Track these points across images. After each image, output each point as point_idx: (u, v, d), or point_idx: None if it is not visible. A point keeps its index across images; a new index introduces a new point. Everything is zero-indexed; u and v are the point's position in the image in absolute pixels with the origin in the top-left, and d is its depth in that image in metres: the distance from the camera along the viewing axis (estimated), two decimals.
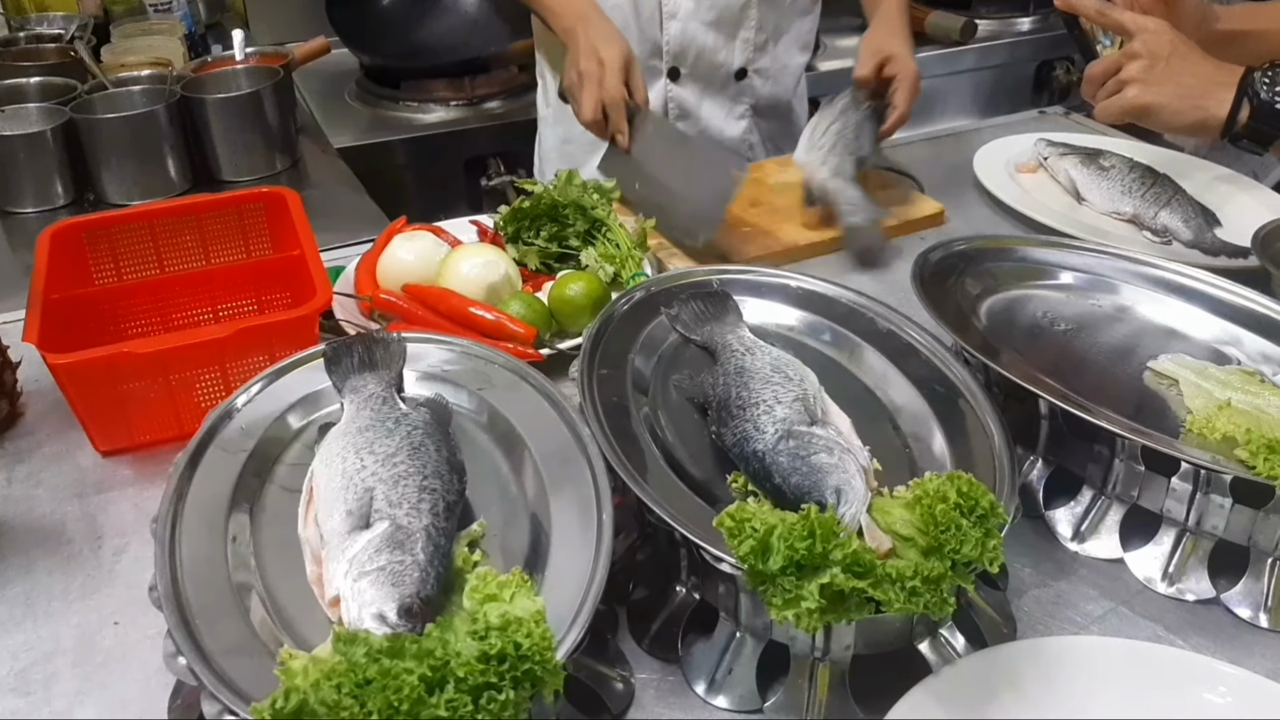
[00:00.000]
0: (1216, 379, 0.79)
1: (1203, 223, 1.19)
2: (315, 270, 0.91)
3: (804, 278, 0.91)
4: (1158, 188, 1.23)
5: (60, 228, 0.98)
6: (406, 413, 0.71)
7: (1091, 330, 0.88)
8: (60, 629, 0.72)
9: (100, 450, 0.88)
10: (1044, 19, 2.40)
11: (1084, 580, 0.75)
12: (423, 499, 0.63)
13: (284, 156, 1.62)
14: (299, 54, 1.88)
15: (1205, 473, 0.70)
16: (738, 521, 0.58)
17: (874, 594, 0.56)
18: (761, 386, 0.72)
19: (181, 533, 0.63)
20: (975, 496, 0.59)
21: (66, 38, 1.85)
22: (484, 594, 0.58)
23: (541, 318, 0.99)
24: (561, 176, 1.13)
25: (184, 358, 0.84)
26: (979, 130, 1.64)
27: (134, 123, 1.48)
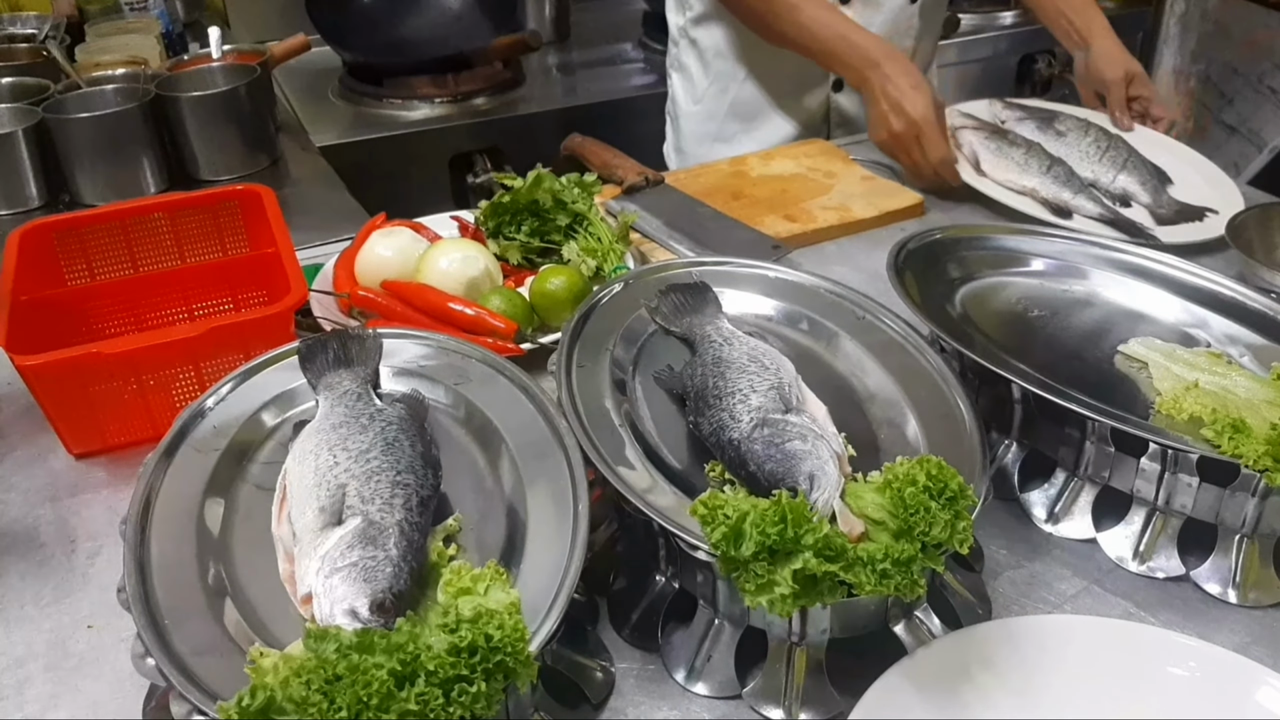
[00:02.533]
0: (1184, 361, 0.80)
1: (1157, 184, 1.19)
2: (290, 268, 0.91)
3: (782, 268, 0.92)
4: (1114, 150, 1.23)
5: (30, 228, 0.97)
6: (381, 408, 0.71)
7: (1063, 315, 0.89)
8: (33, 634, 0.71)
9: (73, 453, 0.87)
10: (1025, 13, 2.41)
11: (1057, 560, 0.76)
12: (396, 494, 0.62)
13: (263, 155, 1.61)
14: (278, 51, 1.86)
15: (1173, 453, 0.71)
16: (711, 509, 0.59)
17: (846, 577, 0.56)
18: (738, 376, 0.72)
19: (151, 533, 0.63)
20: (944, 479, 0.59)
21: (40, 38, 1.83)
22: (458, 587, 0.58)
23: (522, 312, 0.99)
24: (530, 178, 1.13)
25: (156, 358, 0.84)
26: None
27: (107, 122, 1.46)
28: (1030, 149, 1.23)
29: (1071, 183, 1.18)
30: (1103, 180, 1.20)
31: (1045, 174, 1.19)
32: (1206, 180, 1.21)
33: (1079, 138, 1.25)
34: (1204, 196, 1.19)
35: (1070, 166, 1.20)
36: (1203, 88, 2.56)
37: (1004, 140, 1.25)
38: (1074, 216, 1.15)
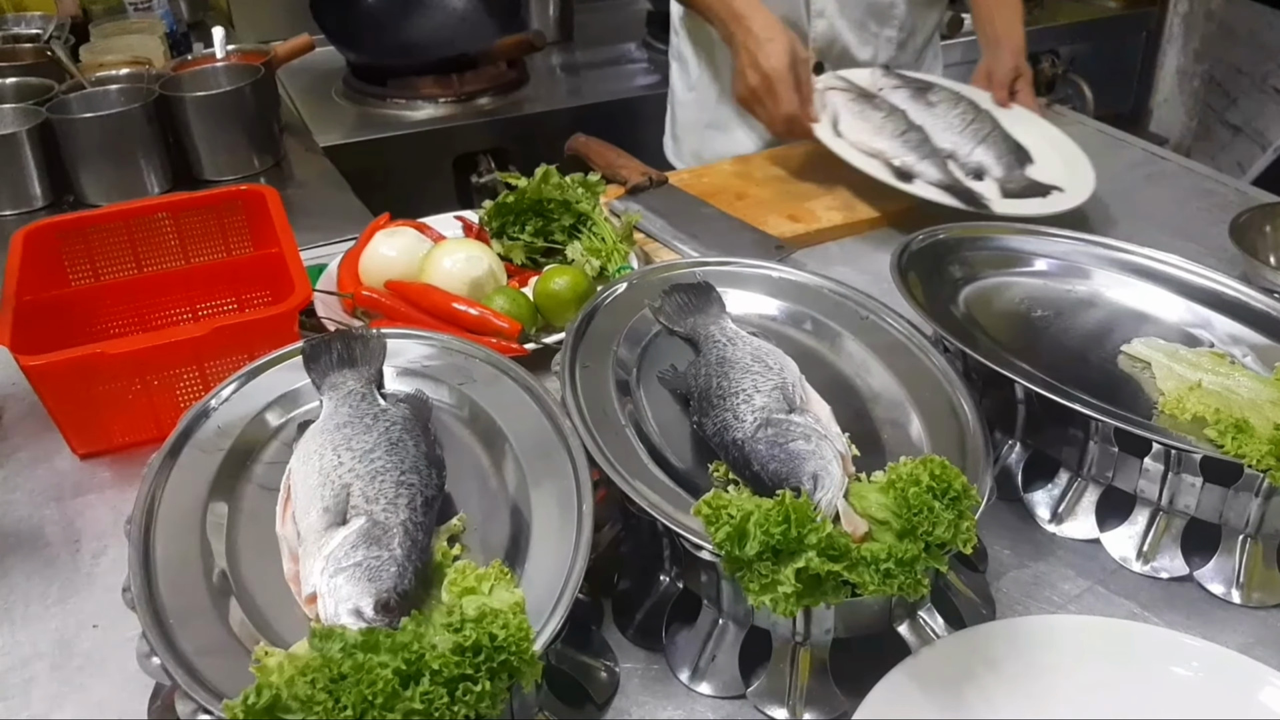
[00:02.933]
0: (1187, 361, 0.80)
1: (1012, 160, 1.20)
2: (294, 268, 0.91)
3: (785, 268, 0.92)
4: (977, 124, 1.23)
5: (34, 229, 0.97)
6: (385, 408, 0.71)
7: (1067, 316, 0.89)
8: (38, 633, 0.72)
9: (78, 453, 0.87)
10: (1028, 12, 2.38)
11: (1061, 561, 0.76)
12: (400, 494, 0.63)
13: (266, 155, 1.61)
14: (282, 51, 1.86)
15: (1176, 453, 0.71)
16: (714, 509, 0.59)
17: (849, 577, 0.57)
18: (741, 376, 0.73)
19: (156, 533, 0.63)
20: (948, 479, 0.59)
21: (44, 37, 1.84)
22: (462, 587, 0.58)
23: (526, 312, 0.99)
24: (538, 174, 1.13)
25: (160, 358, 0.84)
26: None
27: (111, 122, 1.46)
28: (891, 114, 1.23)
29: (921, 149, 1.18)
30: (961, 151, 1.21)
31: (897, 138, 1.20)
32: (1065, 163, 1.21)
33: (947, 109, 1.25)
34: (1056, 177, 1.19)
35: (928, 135, 1.21)
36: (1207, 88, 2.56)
37: (869, 104, 1.25)
38: (915, 181, 1.16)
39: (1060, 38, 2.38)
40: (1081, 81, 2.35)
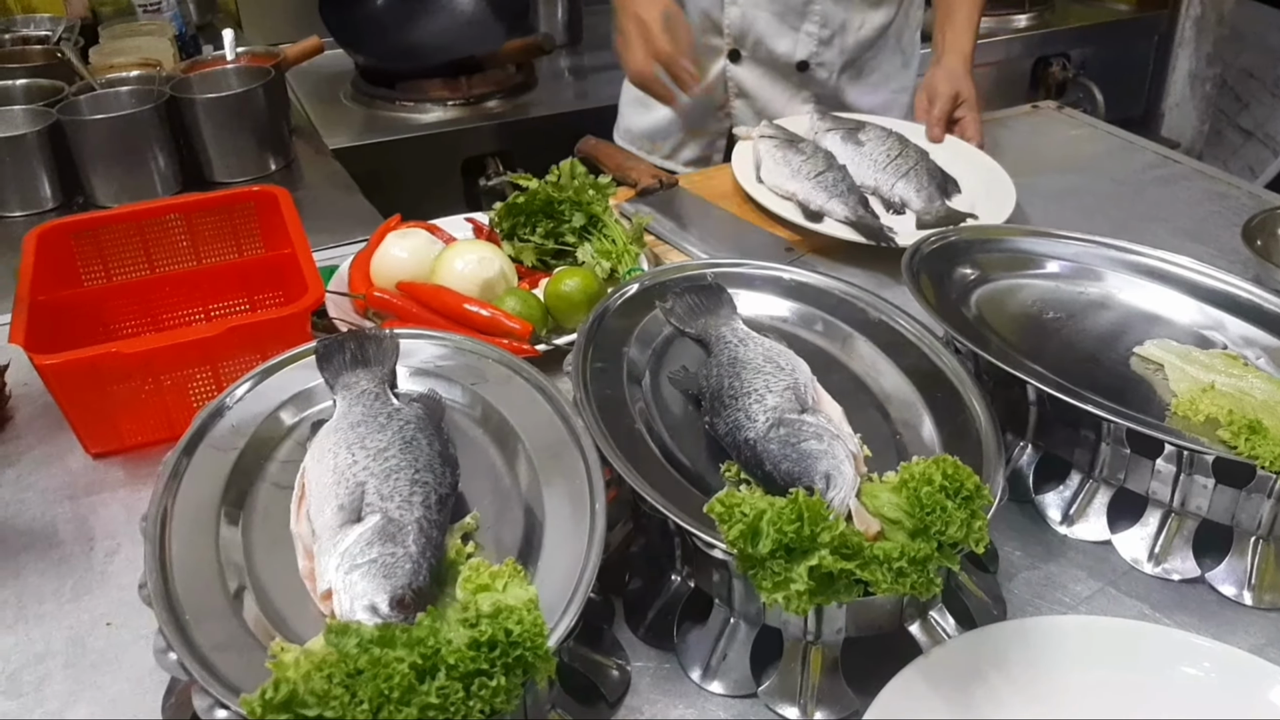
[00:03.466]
0: (1200, 363, 0.80)
1: (934, 191, 1.22)
2: (307, 268, 0.91)
3: (797, 270, 0.92)
4: (901, 159, 1.25)
5: (46, 229, 0.98)
6: (399, 408, 0.71)
7: (1079, 317, 0.89)
8: (52, 631, 0.72)
9: (91, 452, 0.88)
10: (1039, 16, 2.41)
11: (1072, 562, 0.76)
12: (414, 492, 0.63)
13: (277, 157, 1.62)
14: (291, 53, 1.87)
15: (1188, 454, 0.71)
16: (727, 507, 0.59)
17: (862, 575, 0.57)
18: (753, 376, 0.73)
19: (171, 530, 0.64)
20: (960, 479, 0.59)
21: (53, 39, 1.84)
22: (476, 584, 0.58)
23: (537, 314, 0.99)
24: (564, 168, 1.14)
25: (173, 357, 0.84)
26: None
27: (121, 124, 1.47)
28: (811, 157, 1.25)
29: (834, 188, 1.20)
30: (883, 187, 1.24)
31: (810, 179, 1.22)
32: (989, 193, 1.23)
33: (875, 147, 1.28)
34: (973, 204, 1.21)
35: (847, 173, 1.23)
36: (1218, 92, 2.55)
37: (792, 149, 1.27)
38: (824, 220, 1.18)
39: (1071, 41, 2.38)
40: (1092, 85, 2.35)
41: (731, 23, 1.42)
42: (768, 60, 1.44)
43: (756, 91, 1.47)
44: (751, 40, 1.43)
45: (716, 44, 1.44)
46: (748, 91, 1.47)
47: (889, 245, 1.12)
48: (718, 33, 1.43)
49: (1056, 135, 1.54)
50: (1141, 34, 2.52)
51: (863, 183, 1.23)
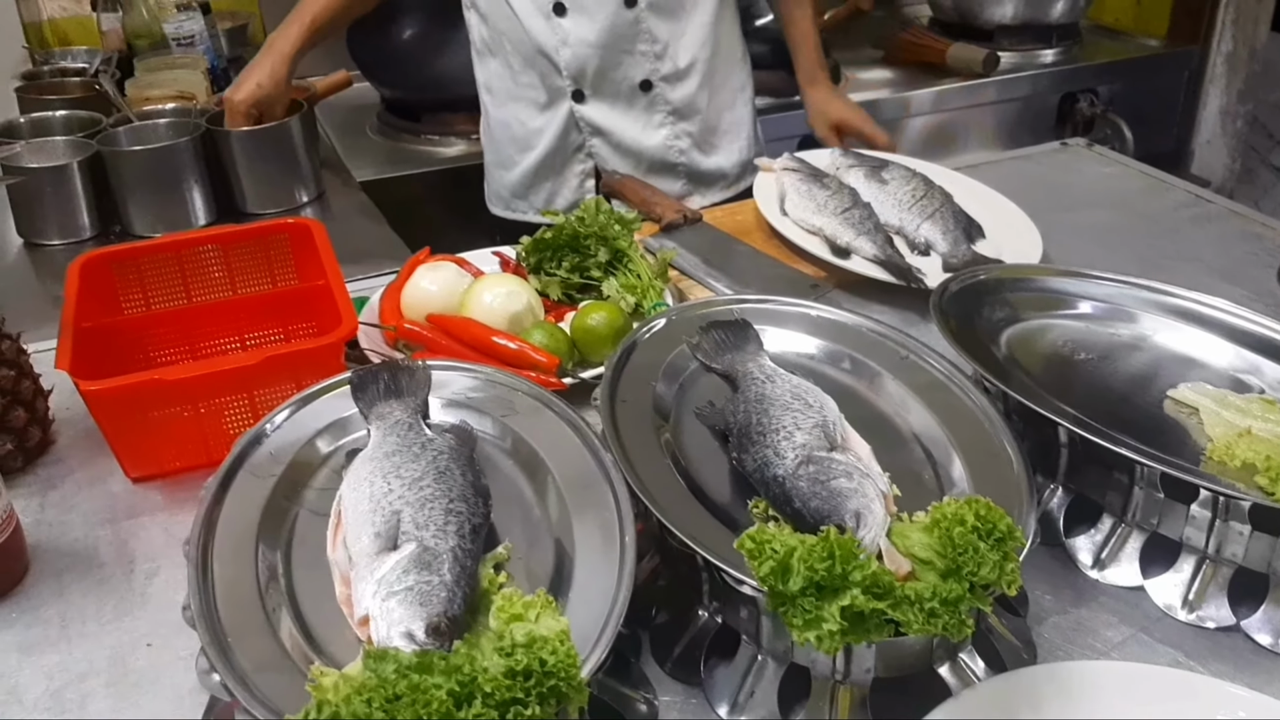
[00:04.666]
0: (1236, 407, 0.79)
1: (959, 235, 1.22)
2: (341, 299, 0.93)
3: (824, 307, 0.93)
4: (926, 200, 1.26)
5: (89, 258, 1.00)
6: (432, 438, 0.72)
7: (1111, 359, 0.89)
8: (94, 650, 0.73)
9: (131, 476, 0.89)
10: (1066, 51, 2.41)
11: (1104, 607, 0.75)
12: (449, 521, 0.64)
13: (307, 189, 1.65)
14: (321, 87, 1.91)
15: (1224, 500, 0.71)
16: (758, 543, 0.59)
17: (893, 615, 0.57)
18: (781, 413, 0.73)
19: (213, 554, 0.65)
20: (993, 520, 0.59)
21: (90, 71, 1.90)
22: (510, 614, 0.59)
23: (564, 347, 1.01)
24: (589, 205, 1.16)
25: (212, 385, 0.86)
26: (999, 162, 1.67)
27: (159, 156, 1.50)
28: (837, 193, 1.26)
29: (861, 225, 1.21)
30: (908, 227, 1.24)
31: (837, 216, 1.23)
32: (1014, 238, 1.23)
33: (899, 186, 1.28)
34: (998, 250, 1.21)
35: (873, 211, 1.24)
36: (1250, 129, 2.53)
37: (816, 184, 1.28)
38: (852, 257, 1.19)
39: (1099, 77, 2.37)
40: (1121, 121, 2.33)
41: (568, 63, 1.44)
42: (612, 91, 1.46)
43: (609, 124, 1.49)
44: (591, 75, 1.45)
45: (560, 85, 1.46)
46: (601, 127, 1.49)
47: (918, 286, 1.13)
48: (558, 74, 1.45)
49: (1087, 173, 1.54)
50: (1171, 70, 2.50)
51: (887, 222, 1.24)
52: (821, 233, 1.22)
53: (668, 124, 1.50)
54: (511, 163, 1.55)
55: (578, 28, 1.42)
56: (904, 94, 2.19)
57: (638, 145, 1.50)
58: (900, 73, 2.28)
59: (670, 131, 1.50)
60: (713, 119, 1.53)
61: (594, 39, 1.42)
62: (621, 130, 1.49)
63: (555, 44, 1.43)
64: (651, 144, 1.50)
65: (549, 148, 1.52)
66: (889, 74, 2.23)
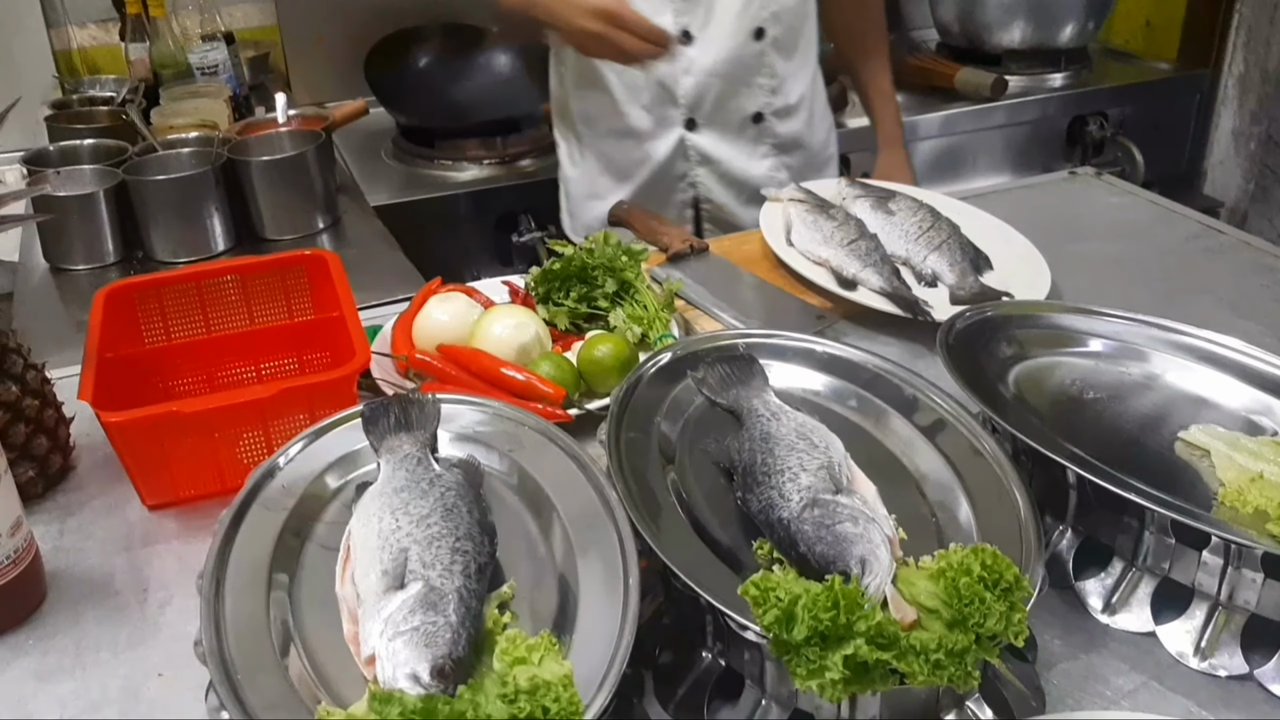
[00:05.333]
0: (1249, 450, 0.78)
1: (966, 266, 1.21)
2: (354, 332, 0.94)
3: (830, 342, 0.93)
4: (933, 231, 1.25)
5: (114, 289, 1.02)
6: (440, 474, 0.73)
7: (1121, 398, 0.88)
8: (107, 679, 0.74)
9: (147, 504, 0.91)
10: (1075, 75, 2.40)
11: (1115, 653, 0.74)
12: (455, 560, 0.64)
13: (325, 215, 1.68)
14: (338, 115, 1.95)
15: (1236, 547, 0.70)
16: (762, 590, 0.59)
17: (898, 666, 0.56)
18: (786, 453, 0.73)
19: (225, 588, 0.66)
20: (999, 569, 0.59)
21: (118, 100, 1.94)
22: (513, 656, 0.59)
23: (570, 378, 1.01)
24: (598, 238, 1.17)
25: (228, 417, 0.87)
26: (1006, 192, 1.66)
27: (183, 184, 1.54)
28: (843, 224, 1.26)
29: (868, 257, 1.21)
30: (915, 258, 1.23)
31: (844, 247, 1.22)
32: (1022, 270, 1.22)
33: (906, 217, 1.28)
34: (1006, 282, 1.21)
35: (879, 243, 1.24)
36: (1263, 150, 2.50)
37: (823, 215, 1.28)
38: (858, 289, 1.19)
39: (1109, 100, 2.36)
40: (1131, 145, 2.32)
41: (686, 92, 1.46)
42: (724, 121, 1.48)
43: (719, 153, 1.51)
44: (709, 105, 1.47)
45: (672, 114, 1.48)
46: (710, 156, 1.51)
47: (925, 319, 1.13)
48: (673, 103, 1.47)
49: (1096, 203, 1.53)
50: (1182, 92, 2.49)
51: (893, 253, 1.24)
52: (828, 264, 1.23)
53: (771, 155, 1.53)
54: (609, 193, 1.55)
55: (703, 56, 1.44)
56: (913, 118, 2.19)
57: (744, 174, 1.52)
58: (909, 97, 2.29)
59: (773, 163, 1.54)
60: (811, 154, 1.57)
61: (718, 68, 1.45)
62: (729, 160, 1.51)
63: (676, 73, 1.45)
64: (756, 174, 1.53)
65: (652, 177, 1.53)
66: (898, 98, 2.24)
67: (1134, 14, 2.60)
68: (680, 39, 1.42)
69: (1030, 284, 1.19)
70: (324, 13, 2.32)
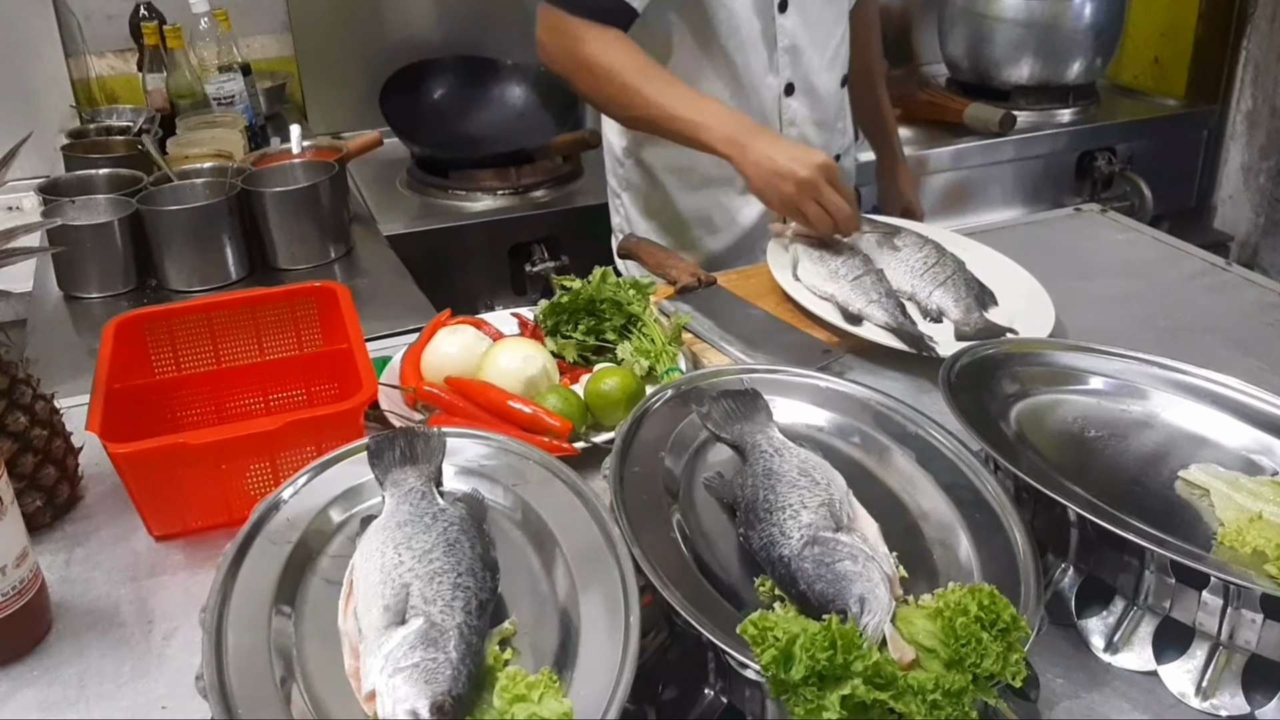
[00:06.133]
0: (1248, 490, 0.79)
1: (971, 302, 1.22)
2: (362, 364, 0.95)
3: (833, 378, 0.93)
4: (938, 267, 1.26)
5: (124, 320, 1.04)
6: (444, 508, 0.74)
7: (1122, 437, 0.88)
8: (112, 711, 0.74)
9: (154, 534, 0.91)
10: (1084, 110, 2.43)
11: (1117, 692, 0.74)
12: (456, 596, 0.65)
13: (337, 245, 1.69)
14: (353, 146, 1.98)
15: (1235, 587, 0.70)
16: (760, 629, 0.60)
17: (895, 706, 0.57)
18: (788, 490, 0.74)
19: (228, 623, 0.66)
20: (997, 610, 0.59)
21: (134, 130, 1.98)
22: (513, 694, 0.59)
23: (577, 411, 1.02)
24: (596, 275, 1.18)
25: (236, 449, 0.88)
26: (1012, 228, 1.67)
27: (196, 215, 1.56)
28: (849, 259, 1.27)
29: (873, 292, 1.22)
30: (920, 294, 1.24)
31: (849, 282, 1.24)
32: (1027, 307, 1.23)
33: (911, 253, 1.29)
34: (1011, 319, 1.21)
35: (885, 278, 1.25)
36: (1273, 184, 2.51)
37: (828, 250, 1.30)
38: (864, 324, 1.20)
39: (1117, 135, 2.39)
40: (1139, 180, 2.34)
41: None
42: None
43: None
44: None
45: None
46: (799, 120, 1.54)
47: (930, 355, 1.14)
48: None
49: (1101, 239, 1.54)
50: (1190, 128, 2.51)
51: (899, 288, 1.26)
52: (833, 299, 1.24)
53: None
54: (700, 244, 1.58)
55: (804, 107, 1.51)
56: (922, 152, 2.22)
57: None
58: (918, 131, 2.32)
59: None
60: None
61: (818, 117, 1.53)
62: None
63: (781, 125, 1.51)
64: None
65: (752, 224, 1.56)
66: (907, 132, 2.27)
67: (1142, 51, 2.63)
68: (785, 91, 1.49)
69: (1035, 320, 1.20)
70: (341, 45, 2.37)
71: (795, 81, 1.50)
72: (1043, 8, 2.33)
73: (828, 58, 1.52)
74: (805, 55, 1.49)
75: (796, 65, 1.49)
